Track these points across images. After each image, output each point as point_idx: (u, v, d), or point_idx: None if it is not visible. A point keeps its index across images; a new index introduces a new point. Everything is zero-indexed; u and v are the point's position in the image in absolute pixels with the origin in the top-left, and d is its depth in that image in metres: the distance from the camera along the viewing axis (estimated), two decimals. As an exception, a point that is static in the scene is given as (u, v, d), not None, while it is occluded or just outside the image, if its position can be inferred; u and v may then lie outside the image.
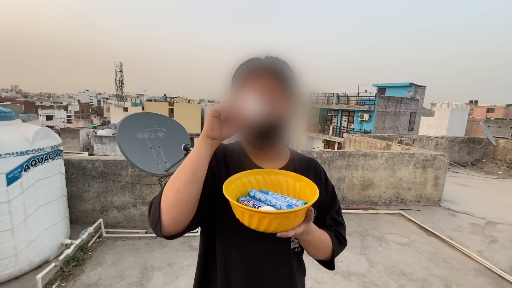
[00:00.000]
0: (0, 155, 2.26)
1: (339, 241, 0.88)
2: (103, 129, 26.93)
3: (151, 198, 1.16)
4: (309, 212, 0.67)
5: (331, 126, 19.64)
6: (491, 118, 38.83)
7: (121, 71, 50.47)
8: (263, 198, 0.70)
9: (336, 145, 18.07)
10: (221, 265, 0.80)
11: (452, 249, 3.45)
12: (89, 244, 3.15)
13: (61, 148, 2.93)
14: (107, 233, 3.42)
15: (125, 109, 39.35)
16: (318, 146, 19.22)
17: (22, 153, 2.40)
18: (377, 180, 4.73)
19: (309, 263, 0.94)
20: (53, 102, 68.20)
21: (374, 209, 4.58)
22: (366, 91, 20.02)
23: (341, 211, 0.94)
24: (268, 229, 0.62)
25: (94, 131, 23.90)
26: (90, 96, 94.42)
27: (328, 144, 19.34)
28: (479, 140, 9.42)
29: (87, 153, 17.41)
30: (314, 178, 0.79)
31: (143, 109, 37.35)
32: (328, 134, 19.61)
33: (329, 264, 0.90)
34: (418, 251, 3.37)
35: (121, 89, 50.37)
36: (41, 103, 63.49)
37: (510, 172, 8.09)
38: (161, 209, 0.65)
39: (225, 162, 0.82)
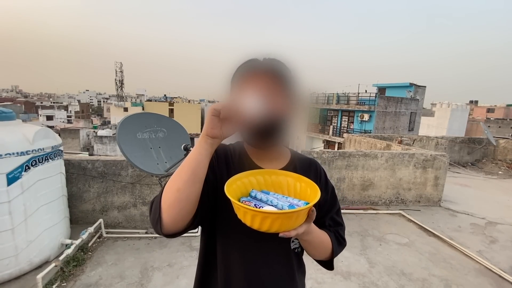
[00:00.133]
0: (0, 155, 2.27)
1: (339, 242, 0.88)
2: (103, 129, 26.91)
3: (151, 198, 1.17)
4: (311, 212, 0.67)
5: (331, 126, 19.64)
6: (491, 118, 38.81)
7: (121, 71, 50.51)
8: (264, 198, 0.70)
9: (336, 145, 18.07)
10: (221, 265, 0.80)
11: (452, 249, 3.45)
12: (89, 244, 3.15)
13: (61, 148, 2.94)
14: (107, 233, 3.43)
15: (125, 109, 39.34)
16: (318, 146, 19.21)
17: (22, 153, 2.40)
18: (377, 180, 4.73)
19: (309, 263, 0.94)
20: (53, 102, 68.21)
21: (374, 209, 4.58)
22: (366, 91, 20.05)
23: (341, 211, 0.95)
24: (271, 229, 0.62)
25: (94, 131, 23.89)
26: (90, 96, 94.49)
27: (328, 144, 19.34)
28: (479, 140, 9.41)
29: (87, 153, 17.42)
30: (315, 179, 0.80)
31: (143, 109, 37.35)
32: (328, 134, 19.61)
33: (328, 264, 0.90)
34: (418, 251, 3.37)
35: (121, 89, 50.41)
36: (41, 103, 63.49)
37: (510, 172, 8.09)
38: (161, 208, 0.65)
39: (226, 162, 0.83)
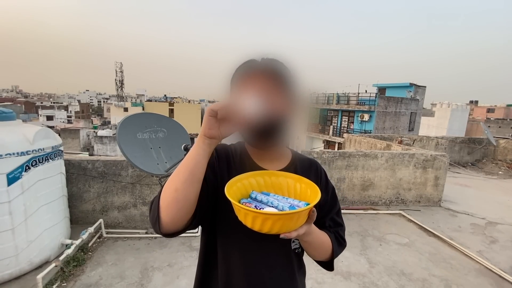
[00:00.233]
0: (0, 155, 2.27)
1: (339, 242, 0.88)
2: (103, 129, 26.90)
3: (151, 199, 1.17)
4: (311, 213, 0.67)
5: (331, 126, 19.63)
6: (491, 118, 38.79)
7: (121, 71, 50.54)
8: (264, 199, 0.70)
9: (336, 145, 18.07)
10: (221, 265, 0.80)
11: (452, 250, 3.45)
12: (90, 244, 3.15)
13: (61, 148, 2.94)
14: (107, 233, 3.43)
15: (125, 109, 39.32)
16: (318, 146, 19.21)
17: (22, 153, 2.40)
18: (377, 181, 4.73)
19: (309, 263, 0.94)
20: (54, 103, 68.23)
21: (374, 209, 4.58)
22: (366, 91, 20.06)
23: (341, 212, 0.94)
24: (272, 230, 0.62)
25: (94, 131, 23.88)
26: (90, 97, 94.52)
27: (328, 144, 19.34)
28: (480, 140, 9.41)
29: (87, 153, 17.44)
30: (315, 179, 0.80)
31: (143, 109, 37.33)
32: (328, 135, 19.61)
33: (328, 265, 0.90)
34: (418, 251, 3.37)
35: (122, 89, 50.44)
36: (41, 103, 63.52)
37: (510, 172, 8.09)
38: (160, 208, 0.65)
39: (227, 162, 0.83)
